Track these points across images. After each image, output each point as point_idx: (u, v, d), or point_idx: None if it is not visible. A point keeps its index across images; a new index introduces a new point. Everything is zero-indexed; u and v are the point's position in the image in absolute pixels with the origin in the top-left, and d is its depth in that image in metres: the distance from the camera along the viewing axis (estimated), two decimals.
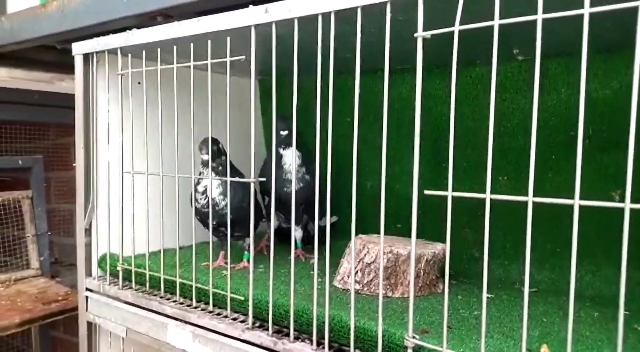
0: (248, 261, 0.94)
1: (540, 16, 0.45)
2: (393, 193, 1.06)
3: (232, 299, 0.76)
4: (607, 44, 0.80)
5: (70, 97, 1.01)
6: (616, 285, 0.84)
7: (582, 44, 0.43)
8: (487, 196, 0.50)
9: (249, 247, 0.95)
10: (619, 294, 0.43)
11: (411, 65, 1.03)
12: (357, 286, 0.80)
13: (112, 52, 0.89)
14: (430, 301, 0.77)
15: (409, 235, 0.91)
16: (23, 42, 1.15)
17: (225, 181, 0.86)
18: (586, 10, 0.43)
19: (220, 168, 0.90)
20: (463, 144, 0.98)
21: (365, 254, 0.81)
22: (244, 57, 0.68)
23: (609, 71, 0.83)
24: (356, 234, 0.65)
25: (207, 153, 0.85)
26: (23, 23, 1.12)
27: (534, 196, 0.47)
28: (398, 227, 1.00)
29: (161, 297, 0.87)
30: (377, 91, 1.09)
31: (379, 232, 0.88)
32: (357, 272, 0.81)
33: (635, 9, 0.41)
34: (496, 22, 0.48)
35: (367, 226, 0.95)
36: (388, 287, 0.79)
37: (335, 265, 0.84)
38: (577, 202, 0.44)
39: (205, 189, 0.90)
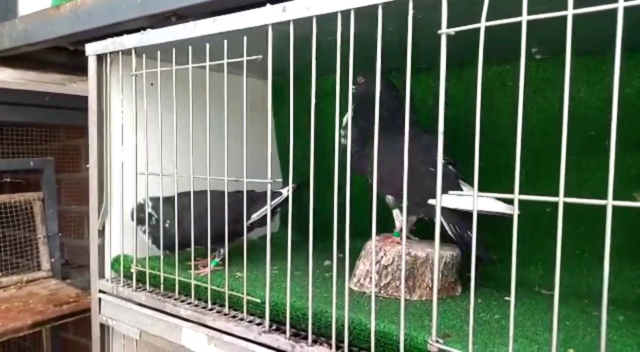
0: (214, 266, 0.93)
1: (570, 12, 0.44)
2: None
3: (248, 302, 0.75)
4: (629, 43, 0.78)
5: (81, 99, 1.00)
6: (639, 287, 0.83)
7: (616, 41, 0.42)
8: (516, 196, 0.48)
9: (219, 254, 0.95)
10: None
11: (426, 65, 1.01)
12: (374, 289, 0.78)
13: (126, 52, 0.89)
14: (449, 304, 0.76)
15: (425, 237, 0.90)
16: (36, 44, 1.16)
17: None
18: (620, 5, 0.41)
19: None
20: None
21: (382, 257, 0.80)
22: (260, 56, 0.68)
23: (630, 70, 0.82)
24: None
25: None
26: (37, 25, 1.13)
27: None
28: (413, 230, 0.99)
29: (175, 299, 0.86)
30: None
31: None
32: None
33: None
34: (524, 18, 0.46)
35: (382, 228, 0.93)
36: (406, 290, 0.77)
37: (350, 267, 0.83)
38: (610, 202, 0.43)
39: None
